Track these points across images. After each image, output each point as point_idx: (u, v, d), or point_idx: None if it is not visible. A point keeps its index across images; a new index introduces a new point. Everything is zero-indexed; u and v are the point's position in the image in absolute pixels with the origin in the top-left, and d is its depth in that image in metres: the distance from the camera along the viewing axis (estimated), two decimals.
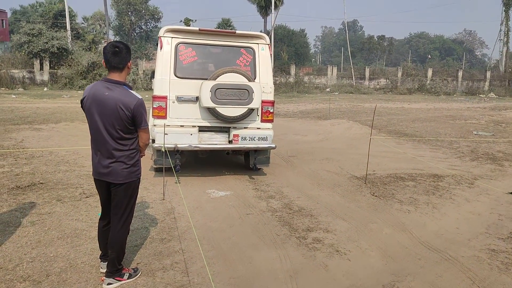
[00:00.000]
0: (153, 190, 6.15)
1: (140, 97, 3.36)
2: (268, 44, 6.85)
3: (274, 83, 32.35)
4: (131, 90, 3.40)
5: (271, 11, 39.76)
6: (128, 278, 3.63)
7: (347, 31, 47.19)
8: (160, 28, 6.86)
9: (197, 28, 6.67)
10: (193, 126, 6.53)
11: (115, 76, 3.37)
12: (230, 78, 6.34)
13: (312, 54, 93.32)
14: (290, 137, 11.26)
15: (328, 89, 33.12)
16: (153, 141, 6.41)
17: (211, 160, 8.25)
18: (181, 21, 38.42)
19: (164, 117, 6.41)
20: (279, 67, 36.88)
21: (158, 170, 6.87)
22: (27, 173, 6.86)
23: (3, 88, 25.91)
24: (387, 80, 35.88)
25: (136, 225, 4.82)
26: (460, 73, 37.81)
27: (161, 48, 6.46)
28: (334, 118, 15.32)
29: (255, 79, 6.68)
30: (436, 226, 5.10)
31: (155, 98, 6.42)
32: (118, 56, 3.31)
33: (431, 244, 4.56)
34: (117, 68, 3.34)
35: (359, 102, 23.10)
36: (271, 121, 6.82)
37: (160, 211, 5.30)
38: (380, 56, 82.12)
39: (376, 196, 6.20)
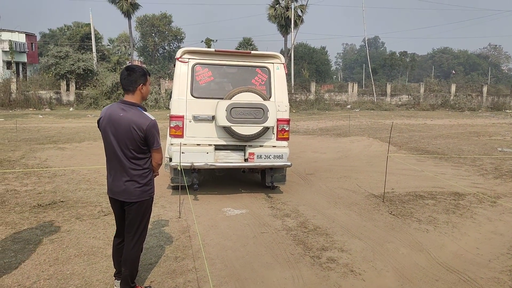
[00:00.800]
0: (169, 208, 6.22)
1: (153, 118, 3.45)
2: (283, 63, 6.93)
3: (295, 101, 32.35)
4: (145, 111, 3.49)
5: (291, 29, 40.16)
6: None
7: (367, 48, 47.07)
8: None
9: (213, 49, 6.85)
10: (209, 145, 6.62)
11: (129, 98, 3.48)
12: (245, 97, 6.45)
13: (333, 71, 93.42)
14: (309, 155, 11.23)
15: (349, 106, 32.97)
16: (170, 159, 6.53)
17: (228, 178, 8.30)
18: (202, 41, 39.14)
19: (181, 136, 6.54)
20: (300, 85, 37.02)
21: (175, 188, 6.96)
22: (49, 191, 7.05)
23: (31, 109, 26.80)
24: (409, 96, 35.49)
25: (151, 243, 4.87)
26: (485, 88, 37.09)
27: (179, 70, 6.63)
28: (354, 135, 15.21)
29: (270, 97, 6.75)
30: (455, 246, 4.98)
31: (172, 117, 6.57)
32: (129, 79, 3.44)
33: (449, 265, 4.45)
34: (128, 90, 3.46)
35: (380, 119, 22.89)
36: (286, 139, 6.85)
37: (176, 230, 5.35)
38: (403, 72, 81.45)
39: (394, 215, 6.10)
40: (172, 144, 6.55)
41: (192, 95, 6.60)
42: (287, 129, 6.82)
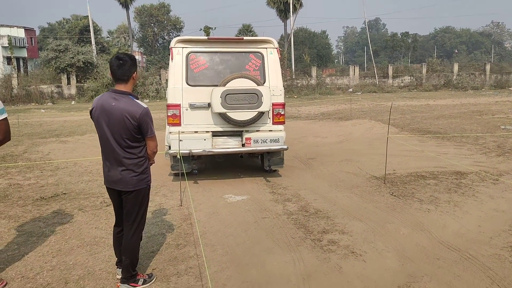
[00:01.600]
0: (171, 197, 6.24)
1: (145, 106, 3.43)
2: (277, 48, 6.96)
3: (296, 86, 32.25)
4: (137, 100, 3.48)
5: (290, 14, 39.78)
6: (142, 284, 3.69)
7: (368, 30, 46.61)
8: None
9: (206, 37, 6.96)
10: (207, 132, 6.72)
11: (121, 87, 3.46)
12: (239, 83, 6.50)
13: (334, 55, 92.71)
14: (310, 140, 11.21)
15: (350, 90, 32.78)
16: (170, 147, 6.63)
17: (229, 165, 8.30)
18: (201, 29, 38.88)
19: (179, 124, 6.65)
20: (301, 70, 36.80)
21: (176, 175, 7.02)
22: (51, 184, 7.09)
23: (33, 103, 26.85)
24: (412, 77, 35.22)
25: (153, 232, 4.90)
26: (488, 67, 36.72)
27: (172, 59, 6.69)
28: (355, 119, 15.15)
29: (264, 82, 6.79)
30: (457, 225, 4.97)
31: (169, 106, 6.67)
32: (122, 68, 3.40)
33: (450, 244, 4.45)
34: (122, 79, 3.44)
35: (382, 101, 22.75)
36: (282, 123, 6.93)
37: (177, 218, 5.38)
38: (405, 54, 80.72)
39: (395, 196, 6.10)
40: (170, 132, 6.66)
41: (187, 84, 6.67)
42: (282, 113, 6.88)
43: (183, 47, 6.72)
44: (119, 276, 3.74)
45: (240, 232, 4.86)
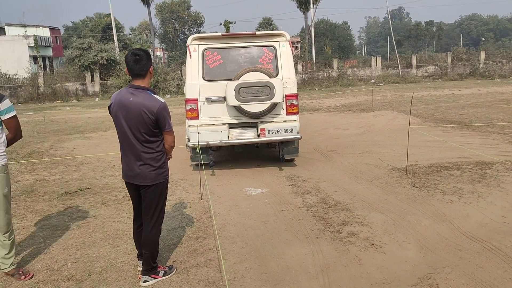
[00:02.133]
0: (191, 191, 6.31)
1: (163, 100, 3.47)
2: (289, 41, 7.12)
3: (317, 78, 31.94)
4: (155, 94, 3.52)
5: (311, 6, 39.39)
6: (163, 276, 3.76)
7: (390, 20, 45.72)
8: (203, 32, 7.30)
9: (220, 34, 7.29)
10: (223, 124, 7.00)
11: (139, 82, 3.50)
12: (252, 77, 6.72)
13: (356, 46, 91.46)
14: (331, 132, 11.12)
15: (372, 81, 32.28)
16: (189, 139, 6.98)
17: (247, 157, 8.34)
18: (221, 24, 38.92)
19: (196, 117, 6.96)
20: (322, 62, 36.43)
21: (197, 166, 7.14)
22: (76, 179, 7.27)
23: (59, 101, 27.49)
24: (436, 67, 34.40)
25: (173, 225, 4.98)
26: None
27: (190, 56, 6.99)
28: (377, 110, 14.93)
29: (277, 75, 6.97)
30: (480, 216, 4.86)
31: (187, 101, 7.00)
32: (139, 64, 3.44)
33: (473, 235, 4.36)
34: (139, 75, 3.48)
35: (405, 92, 22.32)
36: (296, 113, 7.11)
37: (197, 211, 5.44)
38: (429, 43, 78.94)
39: (416, 187, 6.00)
40: (189, 125, 6.97)
41: (203, 79, 6.94)
42: (296, 103, 7.06)
43: (199, 44, 6.99)
44: (140, 268, 3.82)
45: (259, 225, 4.88)
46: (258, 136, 7.05)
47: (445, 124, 11.35)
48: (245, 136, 7.07)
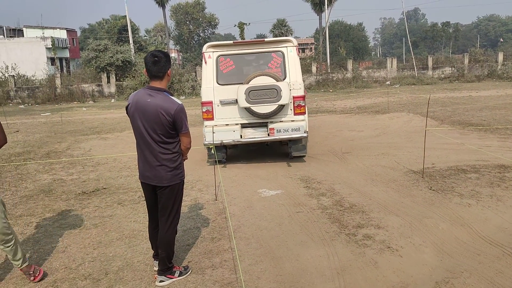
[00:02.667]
0: (206, 192, 6.34)
1: (180, 102, 3.49)
2: (296, 46, 7.65)
3: (331, 80, 31.84)
4: (172, 96, 3.54)
5: (325, 7, 39.27)
6: (179, 276, 3.78)
7: (406, 21, 45.28)
8: (213, 38, 7.58)
9: (232, 42, 7.90)
10: (236, 124, 7.54)
11: (156, 84, 3.53)
12: (260, 81, 7.22)
13: (371, 47, 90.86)
14: (345, 133, 11.05)
15: (388, 82, 31.99)
16: (205, 139, 7.55)
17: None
18: (235, 25, 39.03)
19: (212, 118, 7.51)
20: (337, 63, 36.26)
21: (216, 162, 7.65)
22: (92, 179, 7.36)
23: (75, 102, 27.88)
24: (453, 68, 33.92)
25: (188, 225, 5.00)
26: None
27: (205, 62, 7.55)
28: (393, 112, 14.80)
29: (285, 78, 7.44)
30: (499, 220, 4.78)
31: (203, 103, 7.55)
32: (157, 65, 3.47)
33: (492, 239, 4.28)
34: (157, 76, 3.50)
35: (421, 93, 22.07)
36: (303, 113, 7.58)
37: (212, 212, 5.45)
38: (446, 44, 77.95)
39: (433, 190, 5.92)
40: (205, 126, 7.53)
41: (217, 83, 7.49)
42: (302, 104, 7.53)
43: (213, 51, 7.54)
44: (156, 268, 3.84)
45: (274, 226, 4.87)
46: (268, 135, 7.54)
47: (463, 126, 11.19)
48: (256, 135, 7.58)
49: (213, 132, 7.07)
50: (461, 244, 4.22)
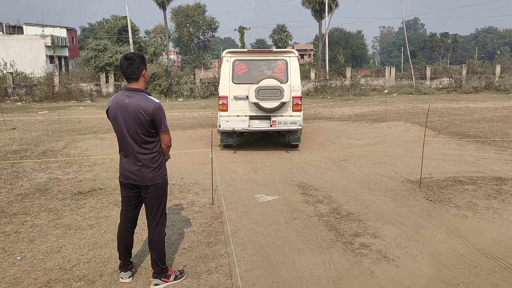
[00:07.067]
0: (203, 195, 6.31)
1: (158, 101, 3.53)
2: (297, 56, 9.51)
3: (329, 87, 31.96)
4: (150, 95, 3.58)
5: (325, 14, 39.40)
6: (174, 280, 3.76)
7: (405, 30, 45.52)
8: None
9: (246, 50, 10.04)
10: (245, 115, 9.35)
11: (133, 85, 3.58)
12: (268, 82, 9.05)
13: (370, 55, 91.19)
14: (343, 141, 11.06)
15: (386, 91, 32.11)
16: (219, 126, 9.37)
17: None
18: (236, 29, 39.08)
19: (226, 110, 9.32)
20: (335, 70, 36.35)
21: (226, 147, 9.93)
22: (89, 179, 7.32)
23: (73, 101, 27.78)
24: (451, 79, 34.08)
25: (184, 229, 4.98)
26: None
27: (223, 64, 9.33)
28: (390, 120, 14.84)
29: (287, 81, 9.29)
30: (495, 232, 4.79)
31: (220, 97, 9.38)
32: (131, 67, 3.52)
33: (489, 251, 4.29)
34: (132, 78, 3.55)
35: (419, 103, 22.16)
36: (300, 110, 9.36)
37: (209, 216, 5.43)
38: (444, 54, 78.35)
39: (430, 200, 5.93)
40: (220, 116, 9.34)
41: (232, 82, 9.29)
42: (300, 103, 9.34)
43: (230, 56, 9.35)
44: (123, 280, 3.78)
45: (270, 232, 4.86)
46: (271, 126, 9.32)
47: (460, 137, 11.24)
48: (261, 125, 9.39)
49: (226, 121, 9.27)
50: (458, 256, 4.22)
